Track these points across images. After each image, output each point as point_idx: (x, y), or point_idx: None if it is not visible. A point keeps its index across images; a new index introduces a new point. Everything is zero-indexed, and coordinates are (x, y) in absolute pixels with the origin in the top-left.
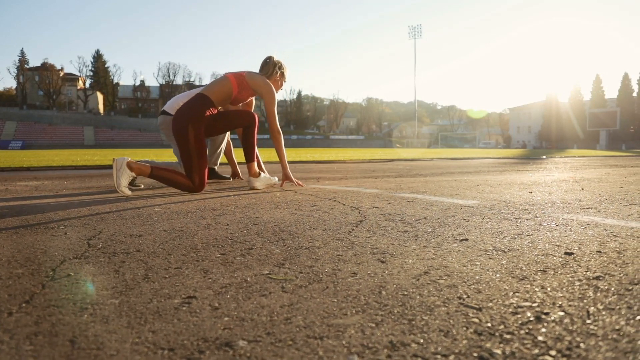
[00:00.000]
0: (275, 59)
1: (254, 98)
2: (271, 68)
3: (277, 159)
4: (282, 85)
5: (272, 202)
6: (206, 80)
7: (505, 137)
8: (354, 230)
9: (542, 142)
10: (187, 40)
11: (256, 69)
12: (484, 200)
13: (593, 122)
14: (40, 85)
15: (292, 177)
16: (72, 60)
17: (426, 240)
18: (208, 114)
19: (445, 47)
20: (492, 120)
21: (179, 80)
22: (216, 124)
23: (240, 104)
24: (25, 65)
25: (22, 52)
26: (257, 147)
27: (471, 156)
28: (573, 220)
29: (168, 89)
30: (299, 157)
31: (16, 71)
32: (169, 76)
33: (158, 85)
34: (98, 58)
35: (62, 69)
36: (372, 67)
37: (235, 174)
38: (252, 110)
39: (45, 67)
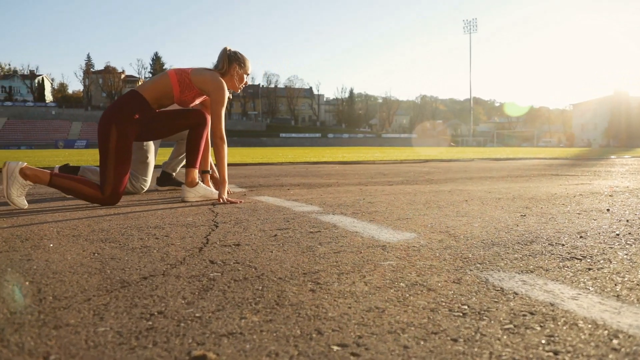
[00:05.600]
0: (230, 49)
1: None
2: (224, 62)
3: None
4: (243, 81)
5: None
6: (258, 81)
7: (567, 135)
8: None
9: (609, 140)
10: (239, 41)
11: (307, 71)
12: (422, 234)
13: None
14: (103, 87)
15: (224, 197)
16: (131, 63)
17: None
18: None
19: (503, 40)
20: (553, 117)
21: None
22: (155, 126)
23: (194, 106)
24: (91, 69)
25: (88, 57)
26: (302, 145)
27: (519, 156)
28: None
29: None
30: (315, 157)
31: (82, 75)
32: None
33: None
34: (156, 60)
35: (123, 72)
36: (426, 63)
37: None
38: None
39: (108, 70)
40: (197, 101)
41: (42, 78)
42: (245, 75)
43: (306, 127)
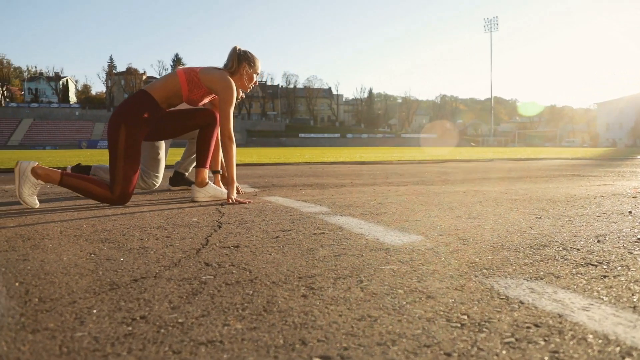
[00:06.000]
0: (239, 49)
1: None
2: (233, 61)
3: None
4: (252, 80)
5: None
6: (277, 81)
7: (591, 135)
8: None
9: (636, 140)
10: (258, 40)
11: (326, 72)
12: (429, 237)
13: None
14: (125, 88)
15: (233, 197)
16: (152, 64)
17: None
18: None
19: (525, 38)
20: (577, 116)
21: None
22: (165, 126)
23: (204, 105)
24: (113, 71)
25: (111, 59)
26: (321, 145)
27: (540, 156)
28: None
29: (250, 90)
30: (332, 157)
31: (105, 76)
32: None
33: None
34: (177, 61)
35: (144, 73)
36: (446, 63)
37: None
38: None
39: (130, 72)
40: (206, 100)
41: (67, 80)
42: (255, 75)
43: (325, 127)
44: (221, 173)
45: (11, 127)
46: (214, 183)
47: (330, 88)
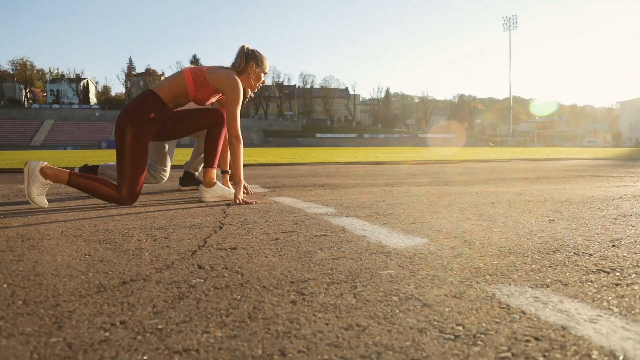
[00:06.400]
0: (247, 48)
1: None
2: (241, 60)
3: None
4: (260, 80)
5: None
6: (294, 81)
7: (614, 134)
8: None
9: None
10: (275, 41)
11: (343, 72)
12: (434, 240)
13: None
14: (144, 89)
15: (240, 197)
16: (171, 65)
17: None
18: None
19: (545, 37)
20: (599, 115)
21: (268, 81)
22: (174, 126)
23: (211, 105)
24: (132, 72)
25: (130, 60)
26: (338, 145)
27: (560, 157)
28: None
29: (258, 90)
30: (347, 158)
31: (124, 77)
32: None
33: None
34: (195, 62)
35: (162, 74)
36: (464, 62)
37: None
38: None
39: (148, 73)
40: (213, 99)
41: (87, 81)
42: (262, 74)
43: (342, 127)
44: (229, 173)
45: (34, 128)
46: (222, 183)
47: (347, 88)
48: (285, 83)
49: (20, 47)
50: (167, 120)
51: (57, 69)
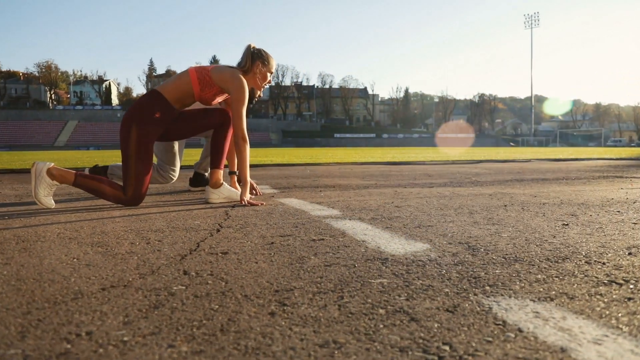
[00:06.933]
0: (254, 47)
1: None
2: (247, 60)
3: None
4: (266, 79)
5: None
6: (313, 81)
7: None
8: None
9: None
10: (294, 42)
11: (362, 71)
12: (436, 246)
13: None
14: None
15: (246, 198)
16: (191, 66)
17: None
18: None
19: (568, 34)
20: (624, 114)
21: (287, 81)
22: (178, 126)
23: (218, 105)
24: (153, 73)
25: (151, 62)
26: (357, 145)
27: (582, 157)
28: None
29: (277, 90)
30: (363, 158)
31: (145, 79)
32: (277, 77)
33: (267, 86)
34: (214, 63)
35: None
36: (484, 61)
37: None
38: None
39: (169, 74)
40: (219, 99)
41: (109, 83)
42: (268, 74)
43: (361, 127)
44: (237, 174)
45: (58, 129)
46: (230, 184)
47: (365, 88)
48: (304, 83)
49: (46, 50)
50: (172, 120)
51: (81, 71)
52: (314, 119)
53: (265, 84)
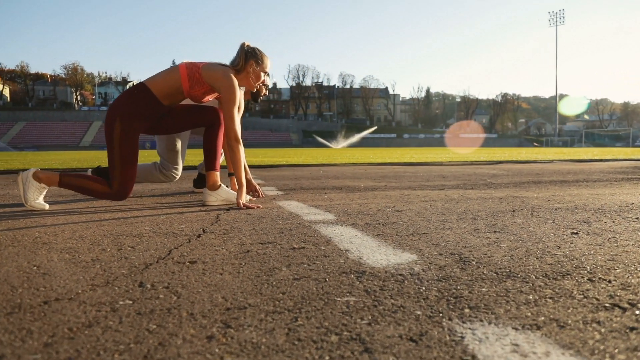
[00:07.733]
0: (248, 45)
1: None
2: (240, 58)
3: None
4: (260, 79)
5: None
6: (334, 81)
7: None
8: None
9: None
10: (315, 42)
11: (382, 71)
12: (424, 257)
13: None
14: None
15: (242, 201)
16: None
17: None
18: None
19: (595, 31)
20: None
21: (308, 82)
22: (167, 121)
23: (209, 103)
24: None
25: (173, 62)
26: (377, 146)
27: (607, 157)
28: None
29: (298, 90)
30: (381, 158)
31: None
32: (298, 78)
33: (288, 87)
34: None
35: None
36: (508, 60)
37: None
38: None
39: None
40: (210, 97)
41: (133, 84)
42: (262, 73)
43: (381, 127)
44: (234, 175)
45: (83, 129)
46: (229, 186)
47: (386, 88)
48: (325, 83)
49: (72, 52)
50: (159, 115)
51: (105, 72)
52: (334, 119)
53: (259, 84)
